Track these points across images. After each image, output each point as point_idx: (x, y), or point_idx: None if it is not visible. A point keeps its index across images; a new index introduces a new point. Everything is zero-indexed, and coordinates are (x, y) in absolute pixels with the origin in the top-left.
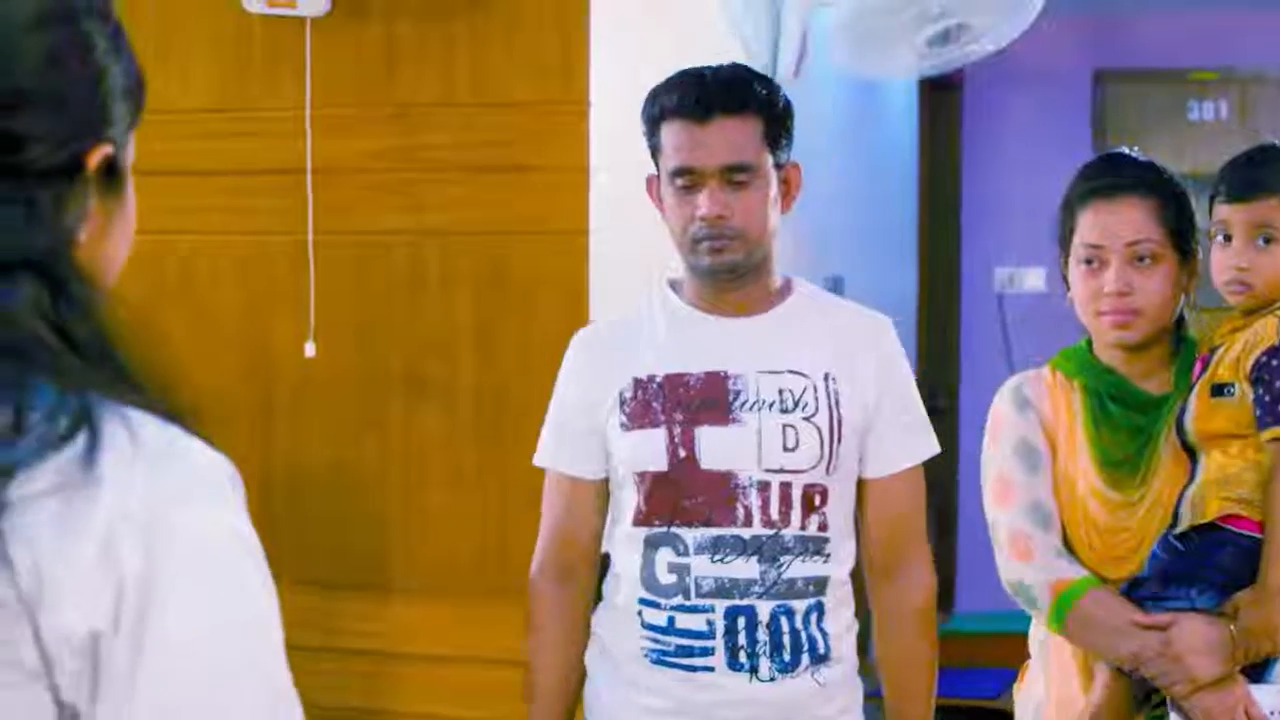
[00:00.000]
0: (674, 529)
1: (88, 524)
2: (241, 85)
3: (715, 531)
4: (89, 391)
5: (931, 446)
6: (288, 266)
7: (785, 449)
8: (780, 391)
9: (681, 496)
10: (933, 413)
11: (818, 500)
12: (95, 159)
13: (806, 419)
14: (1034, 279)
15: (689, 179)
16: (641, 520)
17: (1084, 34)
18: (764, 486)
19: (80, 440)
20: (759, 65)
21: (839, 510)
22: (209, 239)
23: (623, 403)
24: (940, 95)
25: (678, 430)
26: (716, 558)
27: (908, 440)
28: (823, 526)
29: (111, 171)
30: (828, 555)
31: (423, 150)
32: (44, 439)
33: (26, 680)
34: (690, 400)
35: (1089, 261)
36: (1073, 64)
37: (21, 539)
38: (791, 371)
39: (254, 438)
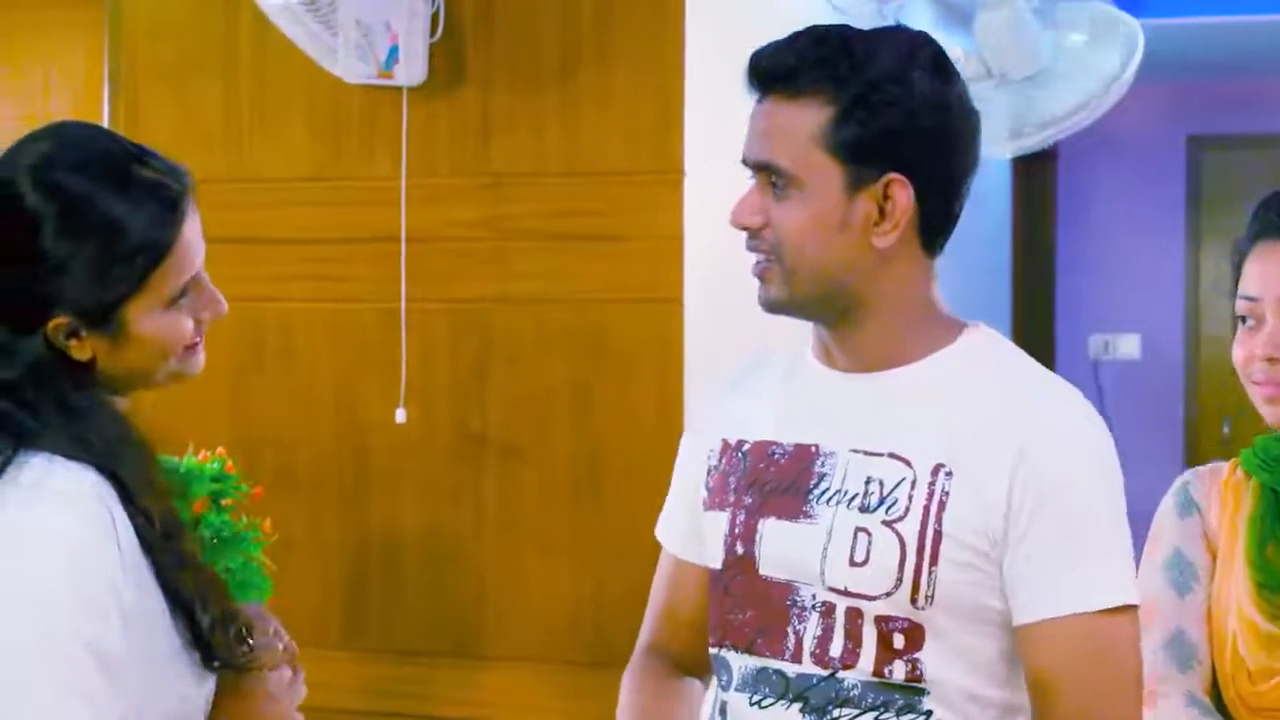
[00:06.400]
0: (722, 651)
1: None
2: (337, 154)
3: (758, 662)
4: (33, 445)
5: (1111, 592)
6: (380, 334)
7: (853, 562)
8: (867, 481)
9: (729, 608)
10: None
11: (900, 641)
12: (51, 327)
13: (887, 524)
14: (1128, 346)
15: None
16: (710, 634)
17: (1177, 101)
18: (827, 610)
19: None
20: None
21: (953, 660)
22: (302, 306)
23: (709, 472)
24: (1035, 165)
25: (741, 517)
26: (755, 698)
27: (1065, 576)
28: (914, 677)
29: (99, 323)
30: (925, 715)
31: (517, 219)
32: None
33: None
34: (767, 479)
35: (1244, 319)
36: (1166, 131)
37: None
38: (892, 455)
39: (346, 505)
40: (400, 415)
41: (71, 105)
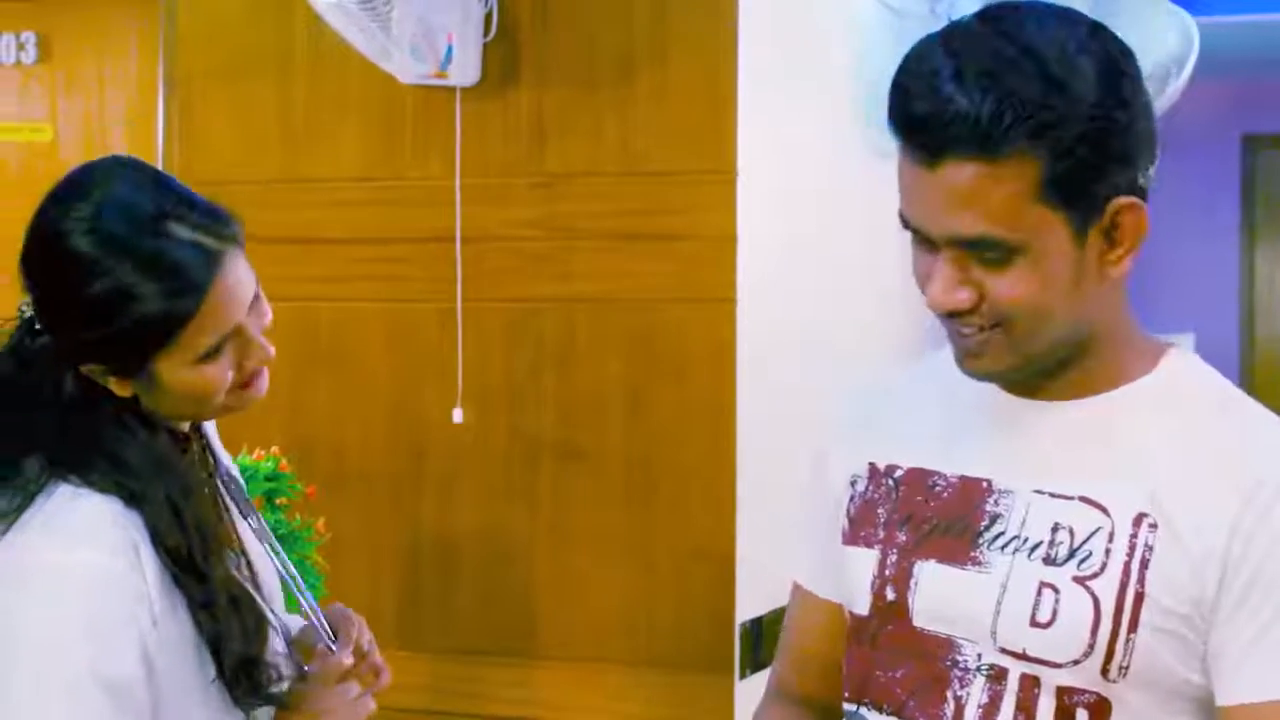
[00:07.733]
0: (862, 710)
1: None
2: (391, 154)
3: None
4: (66, 475)
5: None
6: (436, 334)
7: (1035, 622)
8: (1055, 529)
9: (876, 663)
10: None
11: (1083, 717)
12: (85, 369)
13: (1080, 580)
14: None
15: (919, 236)
16: (845, 687)
17: (1232, 99)
18: (996, 675)
19: (18, 504)
20: None
21: None
22: (357, 306)
23: (851, 499)
24: None
25: (893, 557)
26: None
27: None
28: None
29: (128, 374)
30: None
31: (571, 219)
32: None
33: None
34: (925, 515)
35: None
36: (1220, 130)
37: None
38: (1084, 499)
39: (401, 504)
40: (458, 415)
41: (126, 105)
